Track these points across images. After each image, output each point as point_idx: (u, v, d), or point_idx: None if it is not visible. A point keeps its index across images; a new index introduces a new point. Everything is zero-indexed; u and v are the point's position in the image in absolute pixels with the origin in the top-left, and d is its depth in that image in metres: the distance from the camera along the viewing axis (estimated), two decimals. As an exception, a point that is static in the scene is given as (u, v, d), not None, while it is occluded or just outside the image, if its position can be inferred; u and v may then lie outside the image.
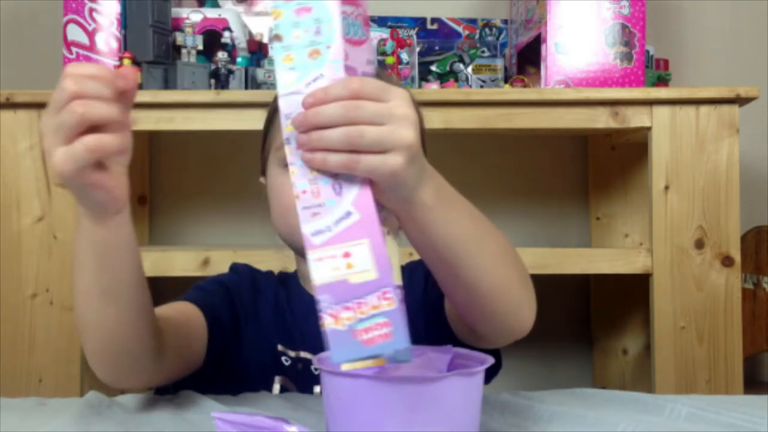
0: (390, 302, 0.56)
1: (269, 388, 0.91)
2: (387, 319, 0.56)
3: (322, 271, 0.57)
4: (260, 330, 0.93)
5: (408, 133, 0.58)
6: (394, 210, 0.63)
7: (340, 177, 0.58)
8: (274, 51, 0.59)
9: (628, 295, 1.85)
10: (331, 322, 0.57)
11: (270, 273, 1.02)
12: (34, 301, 1.50)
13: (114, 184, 0.64)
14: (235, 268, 1.01)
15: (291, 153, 0.59)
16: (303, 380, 0.91)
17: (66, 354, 1.50)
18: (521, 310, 0.76)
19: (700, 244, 1.54)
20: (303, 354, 0.92)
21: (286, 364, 0.92)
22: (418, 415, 0.59)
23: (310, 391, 0.90)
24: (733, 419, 0.75)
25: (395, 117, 0.58)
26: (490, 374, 0.88)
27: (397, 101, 0.59)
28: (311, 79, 0.57)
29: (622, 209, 1.90)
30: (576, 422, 0.74)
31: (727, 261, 1.53)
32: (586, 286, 1.95)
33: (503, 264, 0.73)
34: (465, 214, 0.70)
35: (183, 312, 0.88)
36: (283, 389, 0.91)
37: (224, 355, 0.91)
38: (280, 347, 0.93)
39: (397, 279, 0.58)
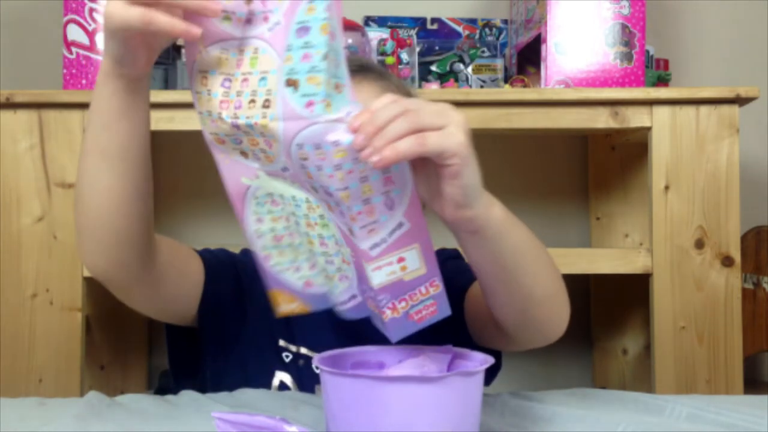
0: (436, 288, 0.66)
1: (269, 382, 0.91)
2: (434, 300, 0.66)
3: (381, 276, 0.64)
4: (264, 323, 0.92)
5: (459, 117, 0.63)
6: (465, 228, 0.68)
7: (392, 193, 0.62)
8: (310, 68, 0.60)
9: (628, 295, 1.85)
10: (389, 313, 0.65)
11: None
12: (34, 301, 1.50)
13: (144, 52, 0.68)
14: (245, 252, 1.00)
15: (347, 179, 0.61)
16: (303, 377, 0.91)
17: (66, 354, 1.50)
18: (561, 318, 0.80)
19: (700, 244, 1.54)
20: (303, 350, 0.93)
21: (287, 360, 0.92)
22: (418, 415, 0.59)
23: (310, 388, 0.90)
24: (733, 419, 0.75)
25: (448, 116, 0.62)
26: (490, 375, 0.88)
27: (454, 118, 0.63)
28: (347, 111, 0.60)
29: (622, 209, 1.90)
30: (576, 422, 0.74)
31: (727, 261, 1.53)
32: (586, 286, 1.95)
33: (552, 273, 0.78)
34: (521, 225, 0.75)
35: (183, 248, 0.89)
36: (282, 385, 0.91)
37: (224, 331, 0.91)
38: (281, 342, 0.93)
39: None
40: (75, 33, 1.60)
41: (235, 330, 0.92)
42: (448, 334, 0.87)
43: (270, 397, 0.85)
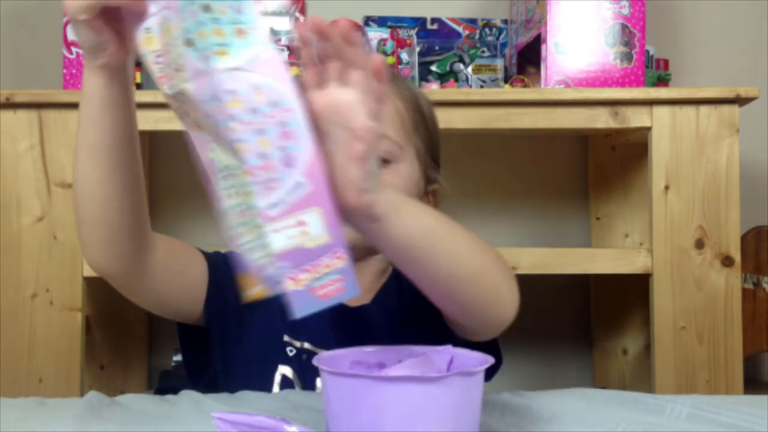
0: (341, 260, 0.61)
1: (272, 376, 0.92)
2: (340, 275, 0.61)
3: (281, 240, 0.60)
4: (269, 317, 0.93)
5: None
6: (367, 216, 0.65)
7: (289, 149, 0.59)
8: (203, 23, 0.60)
9: (628, 295, 1.85)
10: (291, 284, 0.61)
11: None
12: (34, 301, 1.50)
13: (111, 36, 0.69)
14: None
15: (241, 131, 0.59)
16: (305, 370, 0.92)
17: (66, 354, 1.50)
18: (500, 298, 0.76)
19: (700, 244, 1.54)
20: (307, 345, 0.93)
21: (291, 354, 0.93)
22: (418, 415, 0.59)
23: (312, 382, 0.90)
24: (733, 419, 0.75)
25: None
26: (492, 371, 0.88)
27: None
28: (248, 57, 0.59)
29: (622, 209, 1.90)
30: (576, 422, 0.74)
31: (727, 261, 1.53)
32: (586, 286, 1.95)
33: (473, 252, 0.74)
34: (423, 206, 0.73)
35: (185, 246, 0.90)
36: (284, 379, 0.92)
37: (230, 329, 0.92)
38: (286, 338, 0.94)
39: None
40: (75, 33, 1.60)
41: (241, 328, 0.93)
42: (436, 329, 0.86)
43: (270, 398, 0.85)
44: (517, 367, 1.91)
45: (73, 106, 1.50)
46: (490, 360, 0.65)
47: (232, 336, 0.93)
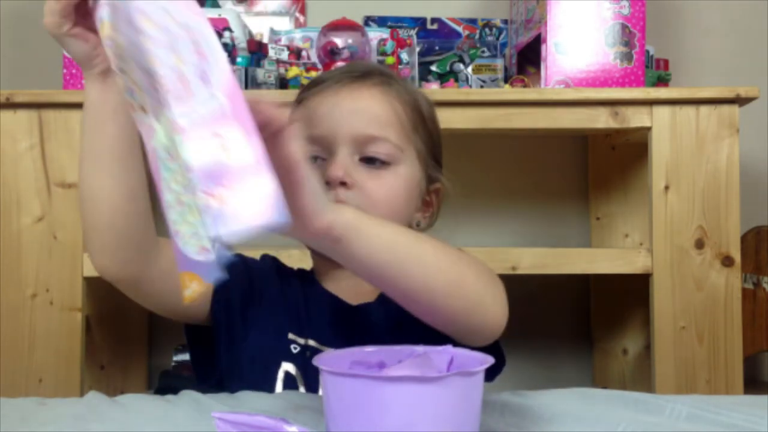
0: (268, 183, 0.55)
1: (276, 373, 0.92)
2: (268, 199, 0.55)
3: (196, 151, 0.55)
4: (275, 315, 0.94)
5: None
6: (329, 238, 0.66)
7: (204, 67, 0.57)
8: None
9: (628, 295, 1.85)
10: (210, 200, 0.55)
11: (292, 268, 1.04)
12: (34, 301, 1.50)
13: (92, 43, 0.72)
14: (263, 257, 1.04)
15: (152, 46, 0.57)
16: (309, 368, 0.92)
17: (66, 354, 1.50)
18: (483, 306, 0.77)
19: (700, 244, 1.54)
20: (311, 342, 0.94)
21: (295, 351, 0.93)
22: (418, 415, 0.59)
23: (315, 380, 0.91)
24: (733, 419, 0.75)
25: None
26: (494, 372, 0.88)
27: None
28: None
29: (622, 209, 1.90)
30: (576, 422, 0.74)
31: (727, 261, 1.53)
32: (586, 286, 1.95)
33: (446, 262, 0.75)
34: (384, 222, 0.74)
35: None
36: (287, 376, 0.92)
37: (236, 329, 0.93)
38: (290, 335, 0.94)
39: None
40: (75, 33, 1.60)
41: (246, 326, 0.94)
42: (444, 336, 0.87)
43: (270, 398, 0.85)
44: (517, 367, 1.90)
45: (73, 106, 1.51)
46: (490, 360, 0.65)
47: (238, 334, 0.94)
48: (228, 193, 0.55)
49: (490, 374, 0.87)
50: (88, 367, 1.72)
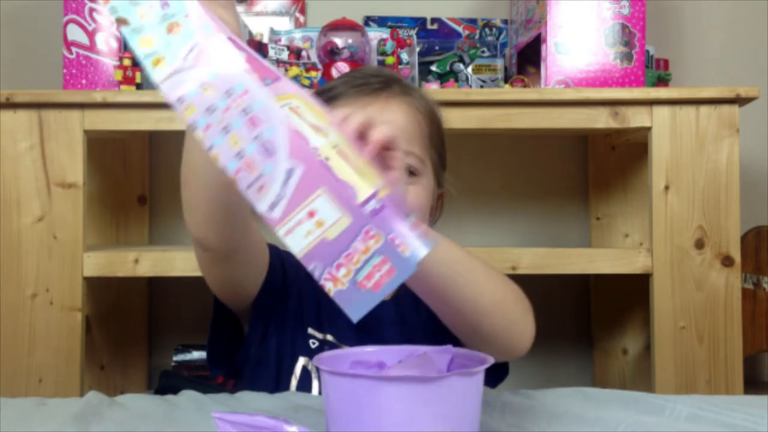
0: (377, 239, 0.53)
1: (293, 367, 0.94)
2: (382, 257, 0.52)
3: (298, 241, 0.52)
4: (298, 309, 0.96)
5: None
6: None
7: (263, 136, 0.53)
8: (127, 38, 0.55)
9: (628, 295, 1.85)
10: (331, 286, 0.53)
11: None
12: (34, 301, 1.50)
13: None
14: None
15: (207, 137, 0.53)
16: None
17: (66, 354, 1.50)
18: (518, 329, 0.80)
19: (700, 244, 1.54)
20: (329, 337, 0.96)
21: (313, 346, 0.95)
22: (418, 415, 0.59)
23: None
24: (733, 419, 0.75)
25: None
26: (497, 378, 0.90)
27: None
28: (185, 53, 0.53)
29: (622, 209, 1.90)
30: (576, 422, 0.74)
31: (727, 261, 1.53)
32: (586, 286, 1.95)
33: (494, 282, 0.79)
34: (446, 241, 0.75)
35: (260, 233, 0.93)
36: (304, 370, 0.94)
37: (270, 319, 0.95)
38: (310, 330, 0.96)
39: (368, 187, 0.53)
40: (75, 33, 1.60)
41: (277, 320, 0.96)
42: (447, 338, 0.88)
43: (270, 398, 0.85)
44: (517, 367, 1.89)
45: (74, 106, 1.51)
46: (490, 360, 0.65)
47: (271, 326, 0.96)
48: (343, 271, 0.53)
49: (494, 381, 0.87)
50: (88, 367, 1.73)
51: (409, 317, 0.97)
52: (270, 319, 0.95)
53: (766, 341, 1.80)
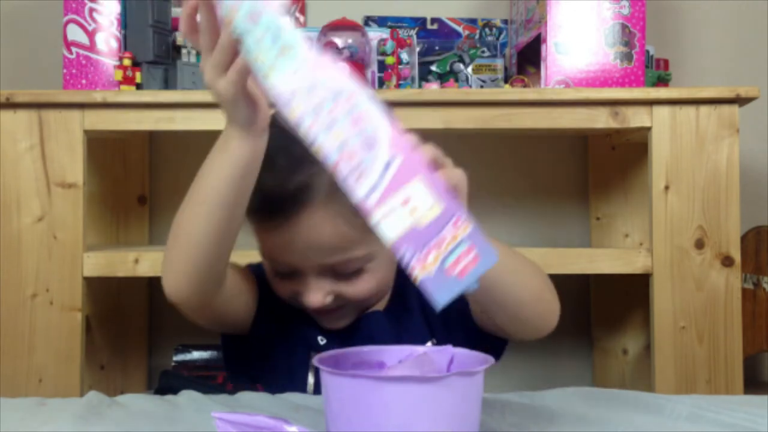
0: (465, 227, 0.56)
1: (307, 364, 0.94)
2: (468, 244, 0.56)
3: (392, 227, 0.56)
4: (306, 319, 0.96)
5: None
6: None
7: (365, 132, 0.57)
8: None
9: (628, 295, 1.85)
10: (420, 271, 0.56)
11: None
12: (34, 301, 1.50)
13: (262, 101, 0.74)
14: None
15: (311, 132, 0.59)
16: None
17: (66, 354, 1.50)
18: (551, 314, 0.87)
19: (700, 244, 1.54)
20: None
21: (321, 343, 0.95)
22: (418, 415, 0.59)
23: None
24: (733, 419, 0.75)
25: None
26: (499, 349, 0.94)
27: None
28: (290, 74, 0.60)
29: (622, 209, 1.90)
30: (576, 422, 0.74)
31: (727, 261, 1.53)
32: (586, 286, 1.95)
33: (533, 275, 0.84)
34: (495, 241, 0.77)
35: (241, 270, 0.96)
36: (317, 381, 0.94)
37: (267, 338, 0.96)
38: (320, 338, 0.96)
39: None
40: (75, 33, 1.60)
41: (281, 332, 0.97)
42: (457, 323, 0.92)
43: (270, 398, 0.85)
44: (517, 367, 1.91)
45: (73, 106, 1.51)
46: (490, 360, 0.65)
47: (270, 343, 0.97)
48: (432, 257, 0.56)
49: (496, 353, 0.90)
50: (88, 367, 1.72)
51: (407, 333, 0.97)
52: (267, 343, 0.96)
53: (766, 341, 1.80)
